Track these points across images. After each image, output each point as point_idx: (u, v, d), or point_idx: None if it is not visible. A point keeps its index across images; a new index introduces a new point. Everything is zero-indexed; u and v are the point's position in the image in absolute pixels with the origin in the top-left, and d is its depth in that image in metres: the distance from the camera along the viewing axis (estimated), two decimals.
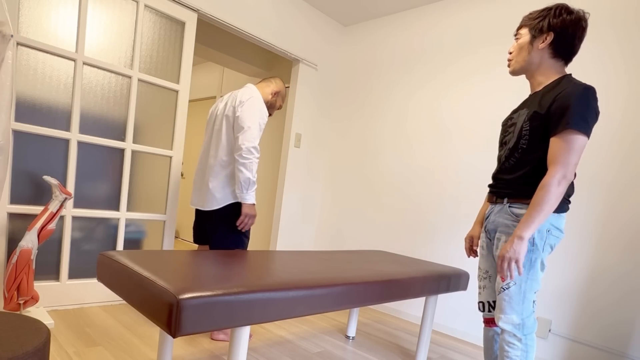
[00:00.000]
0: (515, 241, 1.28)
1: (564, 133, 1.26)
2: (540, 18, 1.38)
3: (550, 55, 1.39)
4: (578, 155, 1.26)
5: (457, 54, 2.84)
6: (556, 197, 1.26)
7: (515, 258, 1.28)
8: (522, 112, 1.44)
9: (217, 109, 2.13)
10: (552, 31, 1.35)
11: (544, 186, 1.27)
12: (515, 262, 1.28)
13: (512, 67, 1.47)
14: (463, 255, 2.71)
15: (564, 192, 1.28)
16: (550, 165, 1.29)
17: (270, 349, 2.09)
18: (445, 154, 2.85)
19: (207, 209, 2.04)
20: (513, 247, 1.28)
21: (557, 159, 1.27)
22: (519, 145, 1.41)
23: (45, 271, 2.22)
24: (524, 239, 1.28)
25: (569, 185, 1.29)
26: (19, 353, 0.93)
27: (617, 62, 2.17)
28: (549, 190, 1.26)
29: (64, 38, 2.13)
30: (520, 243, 1.28)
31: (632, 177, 2.09)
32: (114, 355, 1.78)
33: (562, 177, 1.26)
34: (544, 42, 1.37)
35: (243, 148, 1.90)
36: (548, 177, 1.27)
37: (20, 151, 2.05)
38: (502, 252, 1.31)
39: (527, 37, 1.41)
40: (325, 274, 1.43)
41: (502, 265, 1.30)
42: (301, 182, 3.51)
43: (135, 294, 1.11)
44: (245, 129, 1.92)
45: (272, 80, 2.20)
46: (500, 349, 1.41)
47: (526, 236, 1.28)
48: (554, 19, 1.35)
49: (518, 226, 1.30)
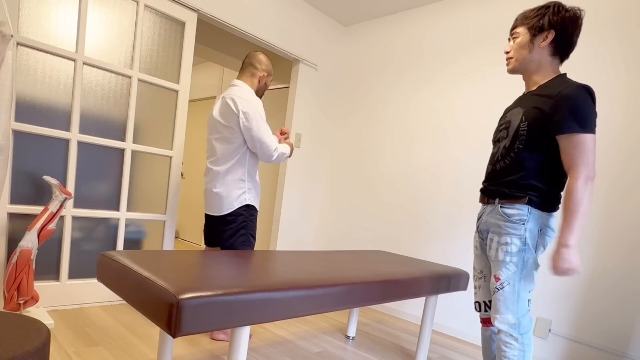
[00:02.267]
0: (564, 251, 1.27)
1: (574, 136, 1.27)
2: (538, 16, 1.38)
3: (550, 53, 1.39)
4: (594, 153, 1.28)
5: (457, 54, 2.84)
6: (587, 197, 1.27)
7: (571, 267, 1.26)
8: (516, 111, 1.43)
9: (211, 114, 2.11)
10: (552, 29, 1.35)
11: (572, 190, 1.27)
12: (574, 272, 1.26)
13: (511, 65, 1.46)
14: (462, 255, 2.71)
15: (592, 193, 1.29)
16: (572, 169, 1.29)
17: (270, 349, 2.09)
18: (445, 154, 2.85)
19: (216, 215, 2.05)
20: (563, 257, 1.26)
21: (576, 162, 1.28)
22: (514, 145, 1.40)
23: (45, 271, 2.22)
24: (570, 247, 1.26)
25: (592, 183, 1.29)
26: (19, 353, 0.93)
27: (618, 63, 2.17)
28: (578, 192, 1.26)
29: (64, 38, 2.13)
30: (567, 252, 1.26)
31: (633, 178, 2.09)
32: (114, 355, 1.78)
33: (586, 178, 1.27)
34: (545, 40, 1.37)
35: (272, 159, 2.04)
36: (573, 180, 1.28)
37: (20, 151, 2.05)
38: (555, 266, 1.28)
39: (526, 35, 1.40)
40: (325, 274, 1.43)
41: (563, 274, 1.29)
42: (301, 182, 3.51)
43: (135, 294, 1.11)
44: (262, 142, 1.98)
45: (255, 65, 2.09)
46: (498, 349, 1.42)
47: (572, 243, 1.26)
48: (553, 17, 1.35)
49: (561, 235, 1.28)
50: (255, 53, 2.13)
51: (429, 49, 3.00)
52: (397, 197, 3.11)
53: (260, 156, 2.03)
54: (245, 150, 2.02)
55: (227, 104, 1.98)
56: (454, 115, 2.83)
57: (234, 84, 2.08)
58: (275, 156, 2.03)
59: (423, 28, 3.05)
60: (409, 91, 3.11)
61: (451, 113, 2.84)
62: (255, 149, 2.00)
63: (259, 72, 2.11)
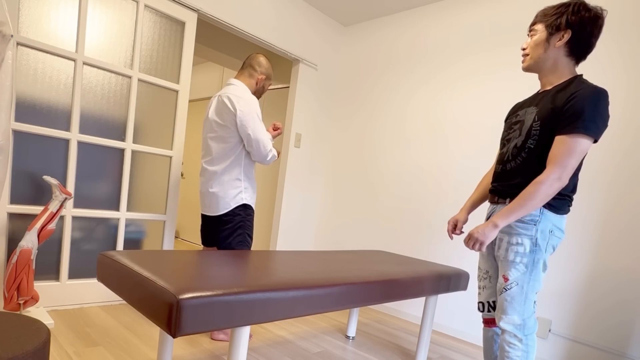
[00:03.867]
0: (489, 226, 1.33)
1: (571, 135, 1.25)
2: (557, 15, 1.34)
3: (566, 53, 1.35)
4: (577, 159, 1.25)
5: (456, 54, 2.84)
6: (544, 197, 1.26)
7: (481, 241, 1.34)
8: (530, 110, 1.41)
9: (207, 113, 2.11)
10: (569, 29, 1.31)
11: (536, 183, 1.27)
12: (480, 245, 1.34)
13: (526, 62, 1.43)
14: (463, 255, 2.71)
15: (554, 194, 1.28)
16: (548, 165, 1.28)
17: (270, 349, 2.09)
18: (445, 154, 2.85)
19: (212, 215, 2.05)
20: (484, 231, 1.33)
21: (556, 160, 1.26)
22: (526, 144, 1.38)
23: (45, 271, 2.22)
24: (497, 227, 1.33)
25: (562, 187, 1.28)
26: (18, 353, 0.93)
27: (616, 62, 2.17)
28: (539, 189, 1.26)
29: (64, 38, 2.13)
30: (492, 230, 1.33)
31: (632, 177, 2.09)
32: (114, 355, 1.78)
33: (556, 179, 1.25)
34: (560, 39, 1.33)
35: (266, 159, 2.02)
36: (543, 175, 1.27)
37: (20, 151, 2.05)
38: (472, 231, 1.36)
39: (543, 33, 1.36)
40: (325, 274, 1.43)
41: (468, 243, 1.37)
42: (301, 182, 3.51)
43: (135, 294, 1.11)
44: (258, 141, 1.97)
45: (255, 67, 2.09)
46: (501, 349, 1.41)
47: (501, 224, 1.32)
48: (572, 17, 1.31)
49: (497, 214, 1.34)
50: (257, 55, 2.13)
51: (429, 50, 3.00)
52: (397, 197, 3.11)
53: (255, 155, 2.01)
54: (242, 149, 2.02)
55: (224, 102, 1.97)
56: (454, 115, 2.83)
57: (230, 82, 2.07)
58: (269, 157, 2.02)
59: (424, 28, 3.05)
60: (409, 91, 3.11)
61: (452, 113, 2.84)
62: (251, 147, 1.98)
63: (258, 74, 2.10)
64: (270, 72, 2.16)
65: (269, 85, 2.19)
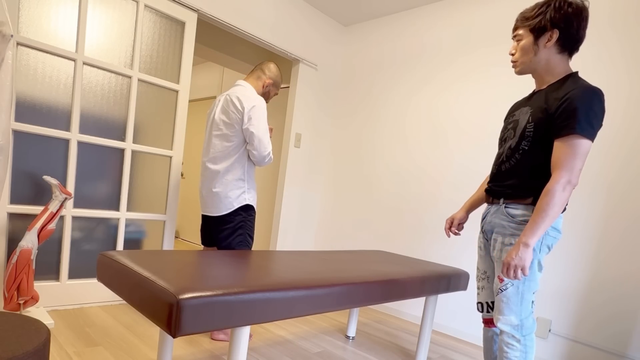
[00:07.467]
0: (521, 248, 1.27)
1: (569, 137, 1.24)
2: (539, 15, 1.32)
3: (557, 51, 1.34)
4: (582, 160, 1.24)
5: (456, 54, 2.84)
6: (561, 203, 1.24)
7: (522, 266, 1.27)
8: (524, 110, 1.40)
9: (212, 113, 2.12)
10: (556, 28, 1.30)
11: (549, 192, 1.25)
12: (522, 270, 1.27)
13: (518, 68, 1.42)
14: (462, 255, 2.71)
15: (569, 197, 1.27)
16: (555, 171, 1.27)
17: (270, 349, 2.09)
18: (445, 154, 2.85)
19: (214, 215, 2.05)
20: (519, 255, 1.27)
21: (561, 164, 1.25)
22: (520, 146, 1.38)
23: (45, 271, 2.22)
24: (529, 246, 1.26)
25: (574, 188, 1.27)
26: (19, 353, 0.93)
27: (618, 62, 2.17)
28: (554, 196, 1.24)
29: (64, 38, 2.13)
30: (525, 250, 1.26)
31: (634, 178, 2.09)
32: (114, 355, 1.78)
33: (566, 182, 1.24)
34: (549, 40, 1.32)
35: (265, 161, 2.03)
36: (553, 182, 1.25)
37: (20, 151, 2.05)
38: (507, 259, 1.29)
39: (529, 38, 1.35)
40: (325, 274, 1.43)
41: (508, 273, 1.29)
42: (301, 182, 3.51)
43: (135, 294, 1.11)
44: (261, 141, 1.98)
45: (264, 70, 2.15)
46: (500, 350, 1.41)
47: (532, 243, 1.26)
48: (555, 15, 1.29)
49: (523, 232, 1.28)
50: (268, 62, 2.20)
51: (429, 49, 3.00)
52: (397, 197, 3.11)
53: (256, 155, 2.01)
54: (244, 149, 2.03)
55: (232, 101, 2.00)
56: (453, 115, 2.83)
57: (238, 83, 2.10)
58: (267, 159, 2.04)
59: (423, 28, 3.05)
60: (409, 91, 3.11)
61: (451, 113, 2.84)
62: (253, 147, 1.99)
63: (265, 78, 2.14)
64: (278, 79, 2.20)
65: (275, 94, 2.23)
